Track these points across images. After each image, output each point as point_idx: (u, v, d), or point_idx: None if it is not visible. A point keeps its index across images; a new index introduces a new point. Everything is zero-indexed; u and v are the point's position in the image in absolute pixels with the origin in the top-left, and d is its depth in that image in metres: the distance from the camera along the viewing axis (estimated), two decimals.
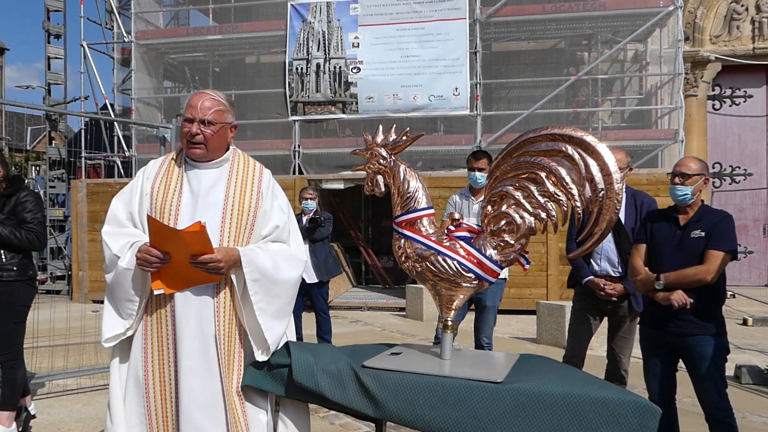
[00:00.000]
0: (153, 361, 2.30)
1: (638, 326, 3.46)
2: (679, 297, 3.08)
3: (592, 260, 3.81)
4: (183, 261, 2.21)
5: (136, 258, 2.22)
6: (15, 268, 3.80)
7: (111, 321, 2.33)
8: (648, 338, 3.34)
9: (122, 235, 2.33)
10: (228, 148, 2.46)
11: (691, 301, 3.07)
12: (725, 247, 3.05)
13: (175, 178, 2.38)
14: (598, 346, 5.36)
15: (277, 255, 2.34)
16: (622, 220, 3.72)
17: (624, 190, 3.81)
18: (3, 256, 3.77)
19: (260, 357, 2.31)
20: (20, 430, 3.91)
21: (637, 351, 3.56)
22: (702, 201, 3.23)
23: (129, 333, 2.33)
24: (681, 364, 3.27)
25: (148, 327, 2.32)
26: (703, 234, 3.10)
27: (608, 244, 3.74)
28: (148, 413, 2.30)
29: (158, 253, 2.20)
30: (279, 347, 2.36)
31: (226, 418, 2.26)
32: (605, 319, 3.94)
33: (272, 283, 2.31)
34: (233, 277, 2.28)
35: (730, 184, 12.74)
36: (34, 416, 4.11)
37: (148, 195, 2.37)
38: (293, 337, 2.51)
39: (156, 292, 2.26)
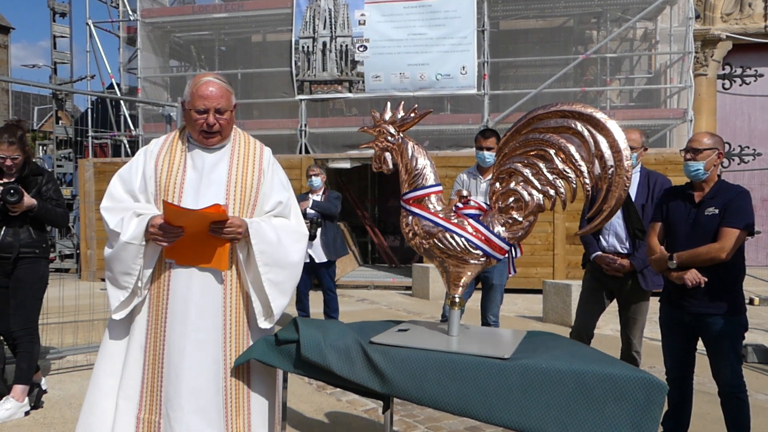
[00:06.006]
0: (151, 331, 2.36)
1: (658, 303, 3.39)
2: (692, 276, 3.05)
3: (600, 236, 3.80)
4: (196, 235, 2.26)
5: (150, 233, 2.27)
6: (44, 245, 3.95)
7: (114, 294, 2.38)
8: (666, 316, 3.31)
9: (118, 210, 2.39)
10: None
11: (706, 279, 3.03)
12: (739, 224, 2.98)
13: (178, 156, 2.42)
14: (603, 325, 5.37)
15: (281, 229, 2.42)
16: (633, 198, 3.71)
17: (639, 169, 3.79)
18: (33, 233, 3.84)
19: (264, 324, 2.40)
20: (32, 405, 3.97)
21: (648, 332, 3.54)
22: (719, 176, 3.16)
23: (135, 301, 2.37)
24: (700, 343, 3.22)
25: (152, 297, 2.37)
26: (717, 211, 3.04)
27: (616, 219, 3.72)
28: (142, 383, 2.34)
29: (173, 228, 2.25)
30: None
31: (224, 398, 2.30)
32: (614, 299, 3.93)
33: (278, 255, 2.37)
34: (237, 246, 2.34)
35: (738, 164, 12.63)
36: (45, 391, 4.17)
37: (152, 173, 2.40)
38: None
39: (167, 261, 2.33)
